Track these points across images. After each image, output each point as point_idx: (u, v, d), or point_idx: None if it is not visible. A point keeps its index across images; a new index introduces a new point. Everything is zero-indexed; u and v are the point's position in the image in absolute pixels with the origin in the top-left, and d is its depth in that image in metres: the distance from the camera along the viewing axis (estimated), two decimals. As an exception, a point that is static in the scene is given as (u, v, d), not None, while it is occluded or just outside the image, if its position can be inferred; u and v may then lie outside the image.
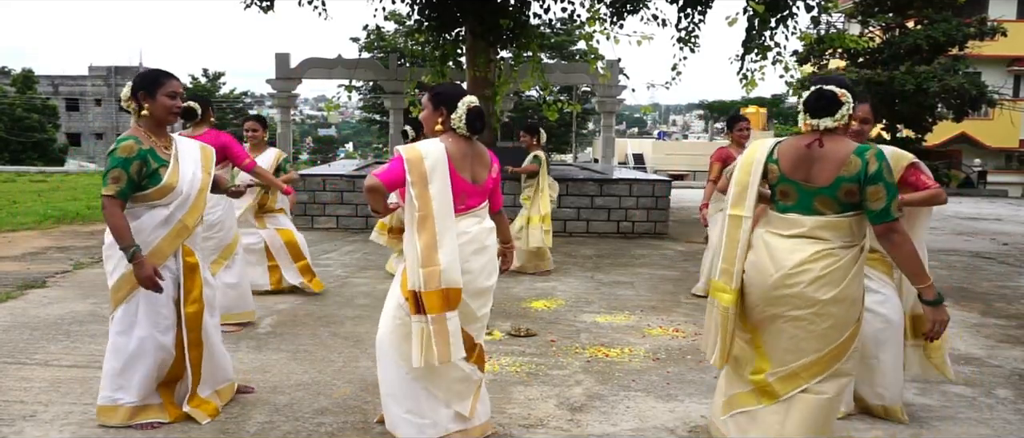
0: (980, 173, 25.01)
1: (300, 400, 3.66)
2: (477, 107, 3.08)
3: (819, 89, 2.73)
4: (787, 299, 2.73)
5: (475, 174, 3.10)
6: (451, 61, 11.39)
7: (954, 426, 3.53)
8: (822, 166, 2.68)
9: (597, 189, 9.74)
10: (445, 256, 2.90)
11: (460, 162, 3.03)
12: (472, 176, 3.08)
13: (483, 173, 3.13)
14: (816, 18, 10.78)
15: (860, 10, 23.50)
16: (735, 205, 2.89)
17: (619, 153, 26.48)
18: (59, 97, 46.98)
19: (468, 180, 3.06)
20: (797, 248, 2.72)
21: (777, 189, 2.82)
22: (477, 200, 3.11)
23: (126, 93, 3.36)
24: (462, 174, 3.04)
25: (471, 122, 3.04)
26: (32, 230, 9.45)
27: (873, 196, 2.61)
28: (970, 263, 8.38)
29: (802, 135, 2.79)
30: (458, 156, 3.03)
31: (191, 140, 3.62)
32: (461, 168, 3.03)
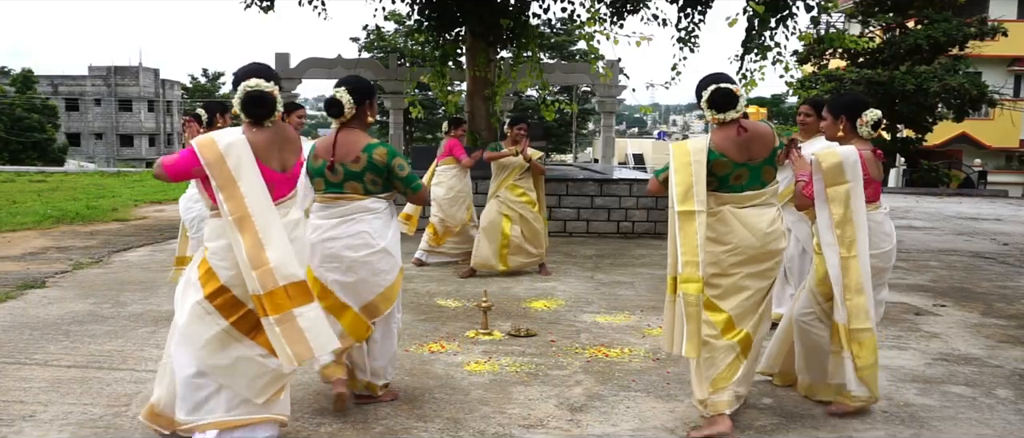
0: (980, 173, 25.00)
1: (300, 400, 3.66)
2: (253, 91, 2.81)
3: (718, 88, 3.30)
4: (765, 256, 3.29)
5: (284, 162, 2.94)
6: (451, 61, 11.37)
7: (954, 426, 3.53)
8: (758, 144, 3.30)
9: (597, 189, 9.74)
10: (274, 253, 2.74)
11: (264, 151, 2.86)
12: (281, 165, 2.93)
13: (292, 160, 2.99)
14: (816, 18, 10.76)
15: (860, 10, 23.50)
16: (683, 202, 3.24)
17: (619, 153, 26.48)
18: (59, 97, 47.00)
19: (276, 169, 2.90)
20: (763, 214, 3.31)
21: (731, 176, 3.30)
22: (286, 189, 2.97)
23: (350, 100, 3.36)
24: (269, 164, 2.87)
25: (246, 108, 2.83)
26: (32, 230, 9.45)
27: (780, 159, 3.49)
28: (970, 263, 8.38)
29: (723, 128, 3.32)
30: (262, 145, 2.85)
31: None
32: (267, 158, 2.86)
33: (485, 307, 4.95)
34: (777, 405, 3.72)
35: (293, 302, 2.77)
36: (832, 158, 3.39)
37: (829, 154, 3.42)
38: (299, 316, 2.78)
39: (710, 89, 3.31)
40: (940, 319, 5.62)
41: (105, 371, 4.05)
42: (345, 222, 3.35)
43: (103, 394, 3.72)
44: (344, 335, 3.34)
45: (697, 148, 3.31)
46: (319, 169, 3.39)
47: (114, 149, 48.81)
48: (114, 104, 49.37)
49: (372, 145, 3.36)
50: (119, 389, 3.79)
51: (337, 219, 3.36)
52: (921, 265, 8.14)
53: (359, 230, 3.34)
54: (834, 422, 3.52)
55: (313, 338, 2.80)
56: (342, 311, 3.38)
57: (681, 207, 3.22)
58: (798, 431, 3.42)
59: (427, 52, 11.86)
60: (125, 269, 6.92)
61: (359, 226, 3.34)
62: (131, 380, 3.92)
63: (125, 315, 5.28)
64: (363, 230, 3.34)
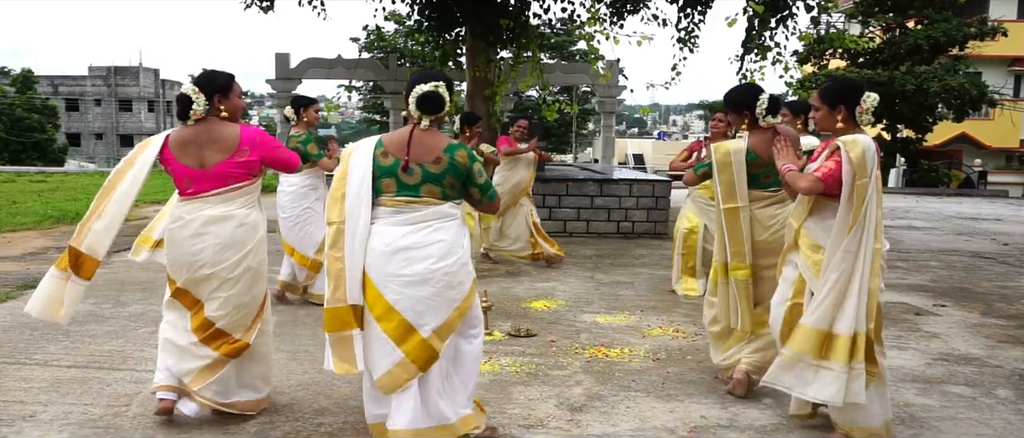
0: (980, 173, 25.00)
1: (300, 400, 3.66)
2: (182, 94, 3.22)
3: (771, 97, 3.72)
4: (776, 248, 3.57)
5: (201, 159, 3.23)
6: (451, 61, 11.37)
7: (954, 426, 3.53)
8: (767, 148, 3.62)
9: (597, 189, 9.74)
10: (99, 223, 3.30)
11: (182, 148, 3.24)
12: (197, 162, 3.23)
13: (213, 157, 3.23)
14: (816, 18, 10.76)
15: (860, 10, 23.50)
16: (728, 200, 3.66)
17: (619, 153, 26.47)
18: (59, 97, 46.98)
19: (191, 165, 3.23)
20: (781, 211, 3.65)
21: (763, 175, 3.68)
22: (208, 184, 3.22)
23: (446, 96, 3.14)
24: (182, 160, 3.24)
25: (179, 110, 3.25)
26: (32, 230, 9.45)
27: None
28: (970, 263, 8.38)
29: (760, 131, 3.71)
30: (180, 142, 3.25)
31: None
32: (181, 155, 3.24)
33: (485, 307, 4.93)
34: (777, 405, 3.71)
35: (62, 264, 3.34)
36: (858, 147, 3.09)
37: (854, 143, 3.11)
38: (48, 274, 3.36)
39: (766, 96, 3.71)
40: (940, 319, 5.62)
41: (105, 371, 4.05)
42: (421, 229, 2.97)
43: (103, 394, 3.72)
44: (404, 364, 2.92)
45: (736, 149, 3.68)
46: (390, 169, 3.01)
47: (114, 149, 48.78)
48: (114, 104, 49.35)
49: (454, 146, 3.03)
50: (119, 389, 3.79)
51: (411, 227, 2.97)
52: (921, 265, 8.14)
53: (438, 238, 2.97)
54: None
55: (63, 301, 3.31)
56: (407, 335, 2.93)
57: (726, 205, 3.66)
58: (798, 431, 3.42)
59: (427, 52, 11.86)
60: (125, 269, 6.92)
61: (438, 234, 2.97)
62: (131, 380, 3.92)
63: (125, 315, 5.28)
64: (442, 238, 2.97)
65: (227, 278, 3.24)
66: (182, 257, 3.25)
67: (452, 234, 3.01)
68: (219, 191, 3.23)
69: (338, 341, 2.95)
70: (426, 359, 2.94)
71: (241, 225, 3.26)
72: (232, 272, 3.24)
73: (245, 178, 3.29)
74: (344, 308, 2.92)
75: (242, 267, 3.26)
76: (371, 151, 3.03)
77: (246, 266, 3.27)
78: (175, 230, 3.26)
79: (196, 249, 3.21)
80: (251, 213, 3.32)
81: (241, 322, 3.34)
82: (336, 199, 2.99)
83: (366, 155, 3.02)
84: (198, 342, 3.28)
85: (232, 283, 3.26)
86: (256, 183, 3.36)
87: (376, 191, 3.00)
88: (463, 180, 3.06)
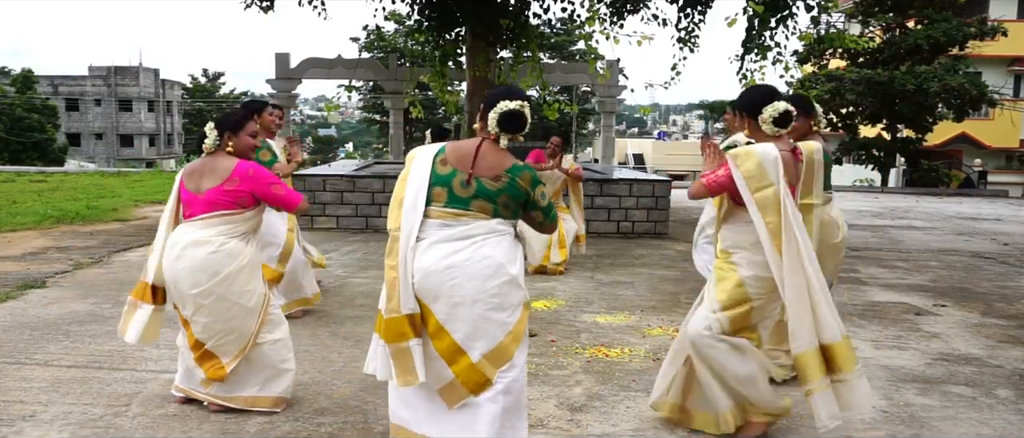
0: (980, 173, 25.01)
1: (300, 400, 3.67)
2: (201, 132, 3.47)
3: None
4: None
5: (198, 185, 3.43)
6: (451, 61, 11.39)
7: (954, 426, 3.53)
8: None
9: (597, 189, 9.73)
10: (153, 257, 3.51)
11: (189, 175, 3.48)
12: (195, 187, 3.43)
13: (206, 184, 3.41)
14: (816, 18, 10.78)
15: (860, 10, 23.52)
16: (806, 196, 3.65)
17: (619, 153, 26.48)
18: (59, 97, 47.00)
19: (191, 190, 3.44)
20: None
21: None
22: (198, 209, 3.40)
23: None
24: (187, 186, 3.47)
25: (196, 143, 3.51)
26: (32, 230, 9.45)
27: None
28: (970, 263, 8.38)
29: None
30: (189, 170, 3.50)
31: None
32: (187, 181, 3.47)
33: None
34: (777, 405, 3.71)
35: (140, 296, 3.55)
36: (749, 160, 3.07)
37: (746, 155, 3.09)
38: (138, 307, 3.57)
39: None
40: (940, 319, 5.63)
41: (105, 371, 4.05)
42: (468, 246, 2.80)
43: (103, 394, 3.72)
44: (455, 385, 2.79)
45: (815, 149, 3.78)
46: (447, 178, 2.85)
47: (114, 149, 48.81)
48: (114, 104, 49.36)
49: (518, 167, 2.89)
50: (119, 389, 3.79)
51: (458, 242, 2.80)
52: (921, 265, 8.14)
53: (486, 254, 2.78)
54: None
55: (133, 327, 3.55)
56: (457, 357, 2.78)
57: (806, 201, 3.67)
58: (798, 431, 3.42)
59: (427, 52, 11.87)
60: (125, 269, 6.92)
61: (486, 249, 2.79)
62: (131, 380, 3.92)
63: (125, 315, 5.28)
64: (490, 254, 2.78)
65: (200, 304, 3.36)
66: (167, 276, 3.43)
67: (503, 250, 2.82)
68: (204, 216, 3.39)
69: (397, 353, 2.77)
70: (476, 384, 2.77)
71: (215, 252, 3.34)
72: (204, 299, 3.34)
73: (230, 207, 3.39)
74: (400, 318, 2.77)
75: (213, 295, 3.34)
76: (432, 158, 2.89)
77: (217, 294, 3.34)
78: (167, 250, 3.44)
79: (175, 269, 3.37)
80: (229, 242, 3.38)
81: (226, 348, 3.43)
82: (396, 205, 2.87)
83: (426, 162, 2.89)
84: (194, 362, 3.47)
85: (206, 310, 3.36)
86: (244, 214, 3.44)
87: (427, 199, 2.84)
88: (522, 202, 2.91)
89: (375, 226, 9.59)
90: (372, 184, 9.71)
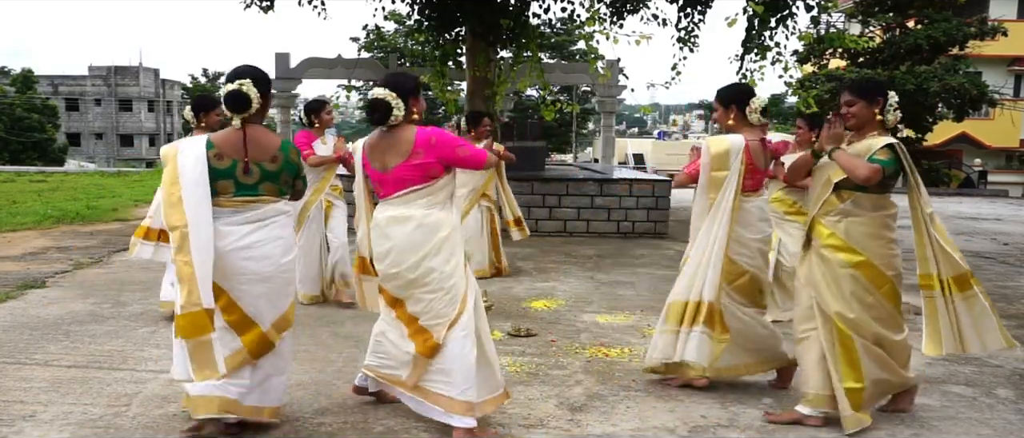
0: (980, 173, 25.01)
1: (300, 400, 3.66)
2: (369, 100, 3.22)
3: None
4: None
5: (383, 163, 3.26)
6: (451, 61, 11.37)
7: (954, 426, 3.53)
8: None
9: (597, 189, 9.74)
10: (360, 232, 3.42)
11: (371, 151, 3.31)
12: (380, 165, 3.27)
13: (391, 161, 3.24)
14: (816, 18, 10.76)
15: (860, 10, 23.50)
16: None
17: (619, 153, 26.43)
18: (59, 97, 47.01)
19: (377, 169, 3.29)
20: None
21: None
22: (389, 188, 3.25)
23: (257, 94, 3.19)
24: (372, 164, 3.31)
25: (368, 113, 3.24)
26: (32, 230, 9.45)
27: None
28: (970, 263, 8.34)
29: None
30: (370, 147, 3.31)
31: None
32: (371, 158, 3.30)
33: (485, 307, 4.93)
34: (777, 405, 3.71)
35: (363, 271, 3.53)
36: (721, 144, 3.67)
37: (718, 141, 3.70)
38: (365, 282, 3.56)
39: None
40: (940, 319, 5.61)
41: (105, 371, 4.05)
42: (261, 227, 3.08)
43: (103, 394, 3.72)
44: (241, 352, 3.07)
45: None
46: (229, 170, 3.07)
47: (114, 149, 48.82)
48: (114, 104, 49.36)
49: (287, 143, 3.22)
50: (119, 389, 3.79)
51: (251, 225, 3.07)
52: (921, 265, 8.14)
53: (277, 235, 3.12)
54: (834, 422, 3.51)
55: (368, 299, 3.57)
56: (248, 328, 3.08)
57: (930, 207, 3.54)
58: (798, 431, 3.42)
59: (427, 52, 11.86)
60: (125, 269, 6.92)
61: (276, 230, 3.12)
62: (131, 380, 3.92)
63: (125, 315, 5.28)
64: (281, 235, 3.14)
65: (410, 279, 3.21)
66: (375, 256, 3.34)
67: (289, 230, 3.24)
68: (397, 194, 3.23)
69: (197, 347, 2.89)
70: (261, 349, 3.13)
71: (419, 226, 3.18)
72: (412, 273, 3.19)
73: (421, 181, 3.20)
74: (200, 312, 2.88)
75: (421, 269, 3.18)
76: (202, 153, 3.02)
77: (425, 268, 3.18)
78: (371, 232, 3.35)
79: (382, 250, 3.26)
80: (431, 213, 3.21)
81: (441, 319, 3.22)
82: (173, 204, 2.96)
83: (198, 157, 3.01)
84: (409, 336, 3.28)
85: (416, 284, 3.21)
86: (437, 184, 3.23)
87: (212, 193, 3.01)
88: (294, 175, 3.27)
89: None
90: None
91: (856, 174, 3.26)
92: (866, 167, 3.26)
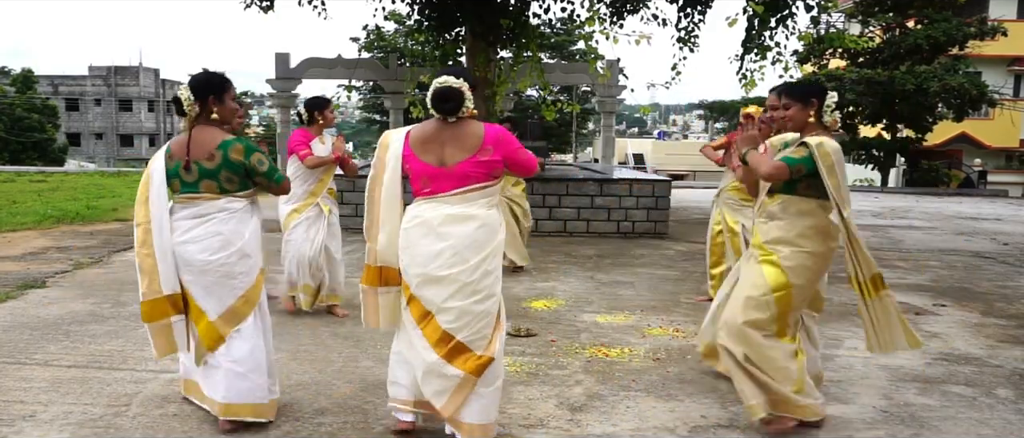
0: (980, 173, 25.00)
1: (300, 400, 3.66)
2: (440, 88, 3.00)
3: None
4: None
5: (441, 157, 3.04)
6: (451, 61, 11.37)
7: (954, 426, 3.53)
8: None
9: (597, 189, 9.74)
10: (383, 237, 3.09)
11: (421, 145, 3.06)
12: (437, 159, 3.04)
13: (454, 155, 3.01)
14: (816, 18, 10.77)
15: (860, 10, 23.50)
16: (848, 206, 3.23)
17: (619, 153, 26.46)
18: (59, 97, 47.00)
19: (430, 163, 3.05)
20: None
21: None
22: (448, 184, 3.02)
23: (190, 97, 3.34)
24: (422, 157, 3.06)
25: (434, 103, 3.03)
26: (32, 230, 9.45)
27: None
28: (970, 263, 8.38)
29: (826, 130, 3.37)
30: (420, 140, 3.07)
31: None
32: (422, 152, 3.06)
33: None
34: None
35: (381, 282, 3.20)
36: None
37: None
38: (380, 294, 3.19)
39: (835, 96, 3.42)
40: (940, 319, 5.62)
41: (105, 371, 4.05)
42: (201, 223, 3.24)
43: (103, 394, 3.72)
44: (199, 342, 3.29)
45: (836, 149, 3.21)
46: (175, 170, 3.27)
47: (114, 149, 48.81)
48: (114, 104, 49.36)
49: (228, 142, 3.23)
50: (119, 389, 3.79)
51: (193, 220, 3.25)
52: (921, 265, 8.14)
53: (215, 231, 3.22)
54: (834, 422, 3.52)
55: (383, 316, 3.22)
56: (200, 317, 3.27)
57: (847, 211, 3.18)
58: (798, 431, 3.42)
59: (427, 52, 11.85)
60: (125, 269, 6.91)
61: (213, 227, 3.22)
62: (131, 380, 3.92)
63: (125, 315, 5.28)
64: (218, 231, 3.22)
65: (464, 284, 3.00)
66: (418, 260, 3.05)
67: (231, 227, 3.25)
68: (459, 190, 3.04)
69: (158, 330, 3.24)
70: (212, 341, 3.26)
71: (482, 226, 3.03)
72: (469, 276, 3.00)
73: (485, 179, 3.07)
74: (161, 299, 3.22)
75: (479, 271, 3.02)
76: (163, 154, 3.31)
77: (483, 271, 3.02)
78: (408, 231, 3.08)
79: (433, 251, 3.01)
80: (491, 213, 3.09)
81: (480, 336, 3.05)
82: (141, 202, 3.27)
83: (161, 158, 3.31)
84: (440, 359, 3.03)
85: (468, 291, 3.01)
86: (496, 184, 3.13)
87: (170, 191, 3.30)
88: (242, 174, 3.27)
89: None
90: (372, 184, 9.71)
91: (758, 171, 3.23)
92: (769, 165, 3.19)
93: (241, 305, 3.29)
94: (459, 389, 3.02)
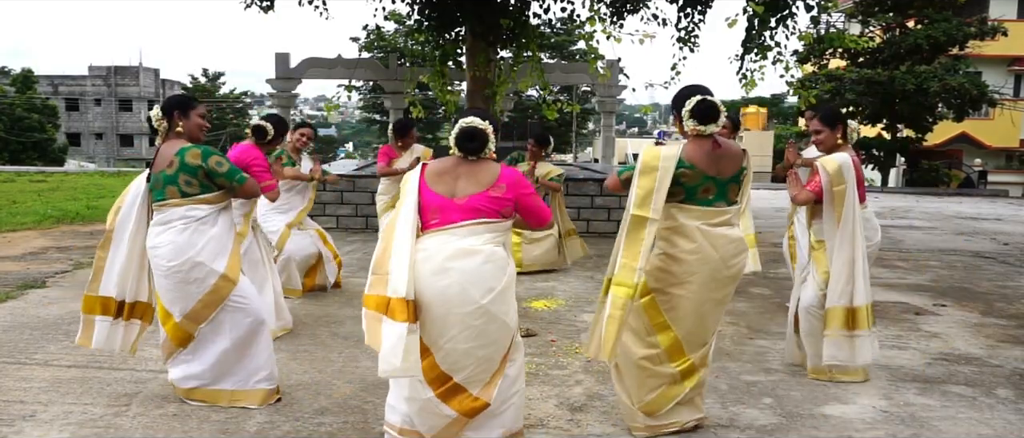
0: (980, 173, 25.01)
1: (300, 400, 3.67)
2: (466, 127, 2.95)
3: (704, 100, 3.16)
4: (726, 280, 3.23)
5: (453, 189, 2.95)
6: (451, 61, 11.36)
7: (954, 426, 3.53)
8: (728, 161, 3.22)
9: (597, 189, 9.74)
10: (400, 272, 2.80)
11: (436, 177, 2.97)
12: (448, 190, 2.95)
13: (466, 188, 2.94)
14: (816, 18, 10.76)
15: (860, 10, 23.50)
16: (640, 207, 3.10)
17: (619, 153, 26.45)
18: (59, 97, 47.00)
19: (442, 194, 2.94)
20: (730, 234, 3.21)
21: (699, 188, 3.17)
22: (456, 215, 2.91)
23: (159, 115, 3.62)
24: (434, 188, 2.96)
25: (458, 142, 2.97)
26: (32, 230, 9.45)
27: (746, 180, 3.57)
28: (970, 263, 8.38)
29: (698, 140, 3.20)
30: (436, 173, 2.99)
31: None
32: (435, 184, 2.96)
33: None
34: (777, 405, 3.72)
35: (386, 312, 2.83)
36: (833, 164, 3.92)
37: (830, 160, 3.95)
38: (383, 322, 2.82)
39: (695, 100, 3.16)
40: (940, 319, 5.62)
41: (105, 371, 4.06)
42: (164, 231, 3.47)
43: (103, 394, 3.72)
44: (166, 341, 3.60)
45: (667, 155, 3.13)
46: (151, 184, 3.57)
47: (114, 149, 48.81)
48: (114, 104, 49.36)
49: (185, 148, 3.44)
50: (119, 389, 3.79)
51: (159, 227, 3.49)
52: (921, 265, 8.14)
53: (171, 240, 3.43)
54: (834, 422, 3.52)
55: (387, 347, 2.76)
56: (166, 318, 3.57)
57: (636, 211, 3.09)
58: (798, 431, 3.42)
59: (427, 52, 11.84)
60: (125, 269, 6.91)
61: (171, 235, 3.43)
62: (131, 380, 3.92)
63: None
64: (174, 240, 3.42)
65: (469, 325, 2.87)
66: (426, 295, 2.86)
67: (185, 236, 3.42)
68: (466, 223, 2.93)
69: (86, 322, 3.66)
70: (179, 339, 3.55)
71: (487, 262, 2.90)
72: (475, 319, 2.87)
73: (494, 215, 2.98)
74: (96, 298, 3.63)
75: (486, 315, 2.88)
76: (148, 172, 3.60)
77: (490, 313, 2.88)
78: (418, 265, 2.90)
79: (440, 286, 2.85)
80: (498, 250, 2.96)
81: (477, 378, 2.95)
82: (114, 210, 3.66)
83: (143, 177, 3.63)
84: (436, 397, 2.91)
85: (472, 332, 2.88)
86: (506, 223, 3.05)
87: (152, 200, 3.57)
88: (199, 176, 3.44)
89: (375, 226, 9.57)
90: (372, 184, 9.70)
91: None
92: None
93: (201, 308, 3.49)
94: (450, 427, 2.95)
